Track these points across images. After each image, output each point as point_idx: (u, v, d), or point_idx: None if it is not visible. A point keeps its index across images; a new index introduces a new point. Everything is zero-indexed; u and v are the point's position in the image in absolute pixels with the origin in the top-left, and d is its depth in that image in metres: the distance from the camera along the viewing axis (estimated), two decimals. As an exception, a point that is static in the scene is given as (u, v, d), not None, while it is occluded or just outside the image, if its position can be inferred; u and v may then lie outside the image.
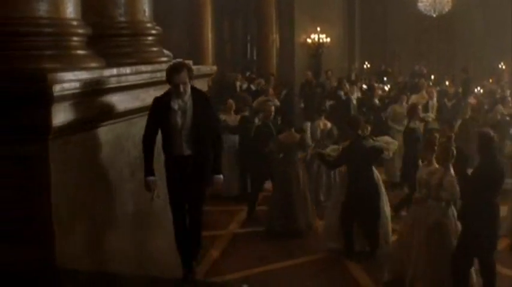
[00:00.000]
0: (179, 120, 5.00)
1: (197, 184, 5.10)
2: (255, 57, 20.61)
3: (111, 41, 5.43)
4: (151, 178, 4.99)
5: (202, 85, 6.04)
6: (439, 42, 21.30)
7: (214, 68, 6.70)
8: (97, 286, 4.32)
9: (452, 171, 6.23)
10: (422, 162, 6.90)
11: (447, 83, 17.54)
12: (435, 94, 13.45)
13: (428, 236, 6.29)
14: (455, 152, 6.29)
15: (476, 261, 6.14)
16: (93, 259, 4.57)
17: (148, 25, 5.74)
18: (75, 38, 4.66)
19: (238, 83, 16.25)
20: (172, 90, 4.99)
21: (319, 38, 19.02)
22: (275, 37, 18.73)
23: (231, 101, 10.90)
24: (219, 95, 13.83)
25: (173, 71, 4.97)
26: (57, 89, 3.99)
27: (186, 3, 17.92)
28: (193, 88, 5.11)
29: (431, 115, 12.03)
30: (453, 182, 6.15)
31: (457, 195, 6.18)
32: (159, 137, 5.06)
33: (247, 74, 17.91)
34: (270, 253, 7.73)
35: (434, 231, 6.27)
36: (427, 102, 12.69)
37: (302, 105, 15.72)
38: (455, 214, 6.29)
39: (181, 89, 4.93)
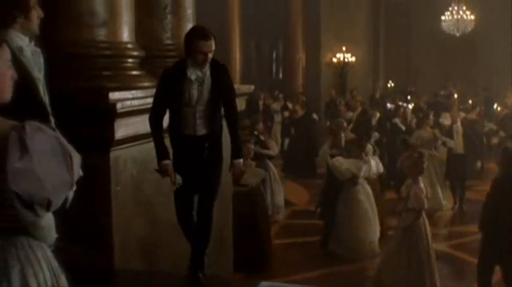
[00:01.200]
0: (195, 93, 4.39)
1: (213, 169, 4.52)
2: (280, 77, 21.07)
3: (159, 61, 5.88)
4: (167, 161, 4.40)
5: (241, 104, 6.43)
6: (462, 61, 21.56)
7: (252, 87, 7.00)
8: (152, 285, 4.75)
9: (421, 184, 6.91)
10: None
11: (470, 101, 17.81)
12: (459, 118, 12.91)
13: (403, 237, 6.96)
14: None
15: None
16: (148, 259, 5.00)
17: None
18: (130, 60, 5.12)
19: (260, 102, 16.68)
20: (190, 60, 4.38)
21: (344, 58, 19.45)
22: (301, 57, 19.17)
23: (247, 121, 11.25)
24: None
25: (200, 38, 4.32)
26: (119, 106, 4.45)
27: (215, 24, 18.41)
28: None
29: (449, 141, 11.59)
30: (418, 193, 6.82)
31: (422, 205, 6.85)
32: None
33: (276, 93, 18.36)
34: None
35: (407, 233, 6.91)
36: (451, 126, 12.22)
37: (328, 123, 16.10)
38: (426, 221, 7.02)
39: (208, 58, 4.32)
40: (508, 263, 6.38)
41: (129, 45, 5.09)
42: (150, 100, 4.92)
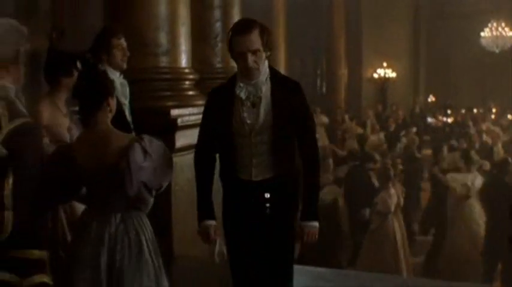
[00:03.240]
0: (247, 116, 3.23)
1: (281, 234, 3.28)
2: (324, 92, 21.92)
3: (211, 82, 6.86)
4: (210, 222, 3.35)
5: None
6: (501, 77, 22.04)
7: None
8: (204, 270, 5.71)
9: (392, 190, 8.00)
10: None
11: (509, 116, 18.27)
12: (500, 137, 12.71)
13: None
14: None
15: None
16: (202, 249, 5.96)
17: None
18: (187, 82, 6.10)
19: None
20: (238, 72, 3.33)
21: (385, 73, 20.23)
22: (343, 72, 20.02)
23: None
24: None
25: (236, 32, 3.20)
26: (179, 121, 5.46)
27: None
28: (272, 68, 3.36)
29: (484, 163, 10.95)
30: (384, 197, 7.91)
31: (388, 209, 7.95)
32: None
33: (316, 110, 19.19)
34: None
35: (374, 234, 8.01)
36: (491, 148, 11.85)
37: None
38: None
39: (250, 61, 3.14)
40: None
41: (186, 70, 6.08)
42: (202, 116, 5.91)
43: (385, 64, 20.31)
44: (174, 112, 5.52)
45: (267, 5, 19.18)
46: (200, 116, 5.82)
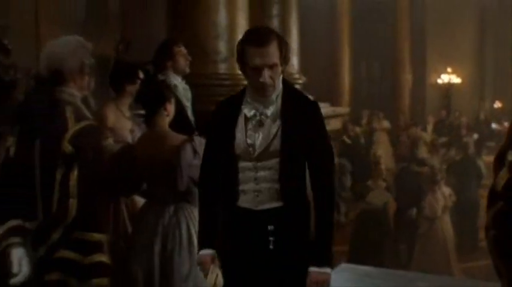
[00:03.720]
0: (251, 136, 2.83)
1: (287, 275, 2.86)
2: (388, 97, 21.92)
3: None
4: (207, 251, 2.94)
5: (336, 125, 7.62)
6: None
7: (347, 109, 8.18)
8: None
9: (438, 194, 8.36)
10: None
11: None
12: None
13: None
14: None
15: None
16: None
17: (296, 76, 7.45)
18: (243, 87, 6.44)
19: (363, 121, 17.62)
20: (248, 86, 2.97)
21: (449, 79, 20.14)
22: (408, 77, 20.02)
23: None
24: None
25: (251, 43, 2.79)
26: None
27: (325, 46, 19.57)
28: (287, 83, 2.95)
29: None
30: (431, 202, 8.24)
31: (434, 213, 8.30)
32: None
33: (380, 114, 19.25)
34: None
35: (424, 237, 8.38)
36: None
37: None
38: None
39: (266, 77, 2.76)
40: None
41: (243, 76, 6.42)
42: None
43: (449, 70, 20.15)
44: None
45: (331, 9, 19.38)
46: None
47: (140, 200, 4.02)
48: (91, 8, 10.96)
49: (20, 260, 2.83)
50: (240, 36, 6.25)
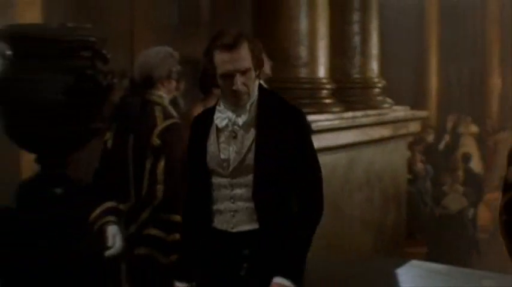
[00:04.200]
0: (224, 150, 2.57)
1: None
2: (477, 102, 21.65)
3: (348, 92, 7.43)
4: (181, 285, 2.65)
5: (416, 128, 7.80)
6: None
7: (425, 112, 8.28)
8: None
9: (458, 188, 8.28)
10: None
11: None
12: None
13: None
14: None
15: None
16: (333, 249, 6.55)
17: (376, 80, 7.68)
18: (324, 91, 6.73)
19: (449, 125, 17.50)
20: (221, 94, 2.69)
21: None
22: (497, 82, 19.75)
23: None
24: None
25: (220, 47, 2.53)
26: (313, 125, 6.11)
27: (411, 51, 19.54)
28: (264, 90, 2.69)
29: None
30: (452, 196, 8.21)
31: None
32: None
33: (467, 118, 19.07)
34: None
35: None
36: None
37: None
38: None
39: (239, 84, 2.51)
40: None
41: (324, 80, 6.72)
42: (337, 122, 6.54)
43: (542, 75, 19.77)
44: (310, 118, 6.19)
45: (419, 12, 19.34)
46: (334, 122, 6.55)
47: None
48: (184, 14, 11.42)
49: (114, 236, 3.32)
50: (320, 42, 6.74)
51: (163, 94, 3.63)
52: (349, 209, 6.85)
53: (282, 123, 2.54)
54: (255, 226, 2.54)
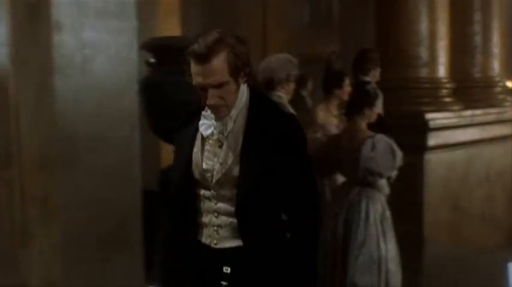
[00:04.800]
0: (208, 159, 2.37)
1: None
2: None
3: (469, 91, 7.48)
4: None
5: (508, 130, 7.78)
6: None
7: None
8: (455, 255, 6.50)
9: None
10: None
11: None
12: None
13: None
14: None
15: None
16: (452, 236, 6.81)
17: (497, 79, 7.81)
18: (444, 90, 6.92)
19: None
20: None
21: None
22: None
23: None
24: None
25: (191, 58, 2.22)
26: (431, 123, 6.38)
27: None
28: (256, 94, 2.42)
29: None
30: None
31: None
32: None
33: None
34: None
35: None
36: None
37: None
38: None
39: (211, 99, 2.24)
40: None
41: (444, 80, 6.92)
42: (455, 120, 6.75)
43: None
44: (429, 116, 6.47)
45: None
46: (452, 120, 6.76)
47: (339, 178, 4.99)
48: (315, 14, 11.73)
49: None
50: (439, 43, 6.96)
51: (282, 94, 4.20)
52: (468, 204, 7.08)
53: (272, 134, 2.29)
54: (238, 243, 2.32)
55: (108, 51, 3.96)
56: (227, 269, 2.33)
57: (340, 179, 4.94)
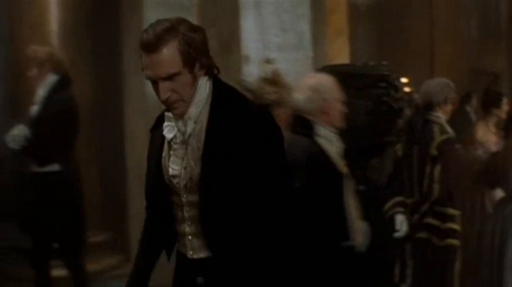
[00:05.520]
0: (173, 163, 2.18)
1: None
2: None
3: None
4: None
5: None
6: None
7: None
8: None
9: None
10: None
11: None
12: None
13: None
14: None
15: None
16: None
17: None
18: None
19: None
20: None
21: None
22: None
23: None
24: None
25: (140, 46, 2.05)
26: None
27: None
28: (220, 87, 2.17)
29: None
30: None
31: None
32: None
33: None
34: None
35: None
36: None
37: None
38: None
39: (163, 93, 2.06)
40: None
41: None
42: None
43: None
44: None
45: None
46: None
47: (498, 193, 5.30)
48: (483, 26, 11.74)
49: (401, 223, 4.32)
50: None
51: (440, 115, 4.65)
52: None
53: (237, 131, 2.07)
54: (207, 253, 2.17)
55: (287, 79, 4.65)
56: (201, 280, 2.19)
57: (500, 193, 5.28)
